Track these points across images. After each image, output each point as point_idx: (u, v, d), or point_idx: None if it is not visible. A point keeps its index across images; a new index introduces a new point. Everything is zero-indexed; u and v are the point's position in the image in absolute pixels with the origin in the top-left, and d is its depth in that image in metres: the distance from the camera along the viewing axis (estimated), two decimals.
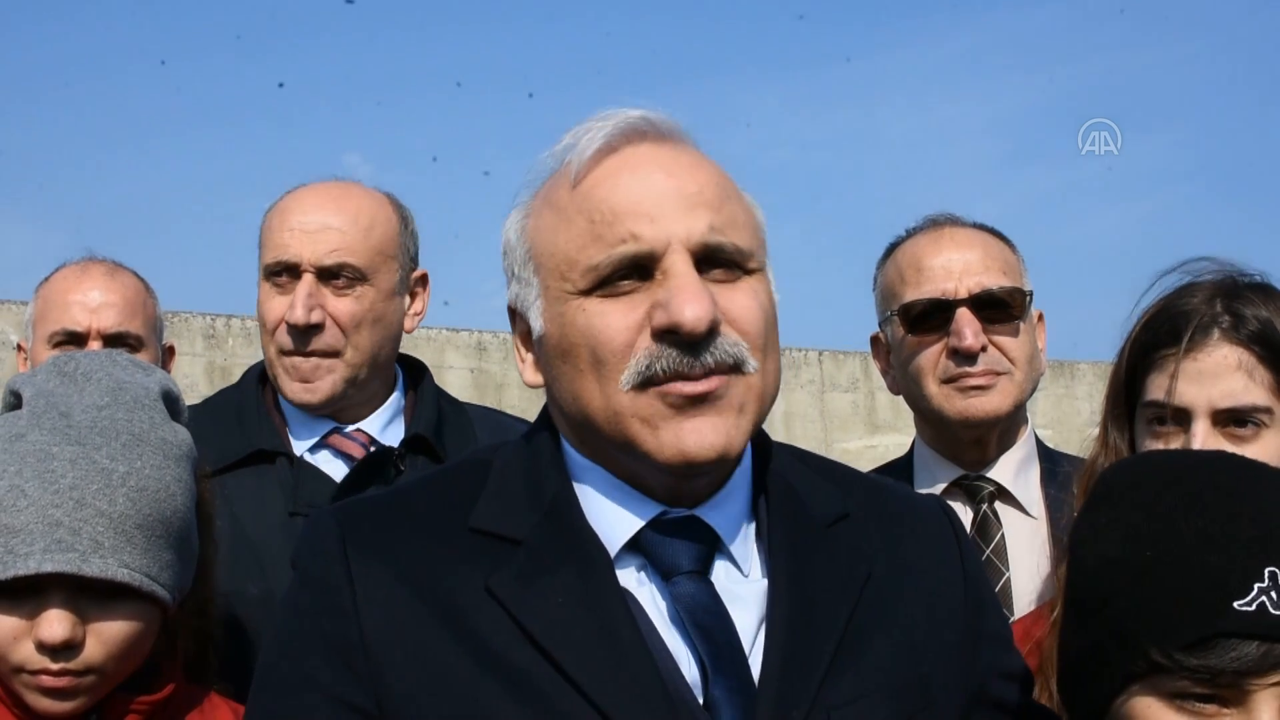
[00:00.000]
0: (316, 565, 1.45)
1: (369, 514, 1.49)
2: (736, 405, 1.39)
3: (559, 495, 1.46)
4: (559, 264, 1.42)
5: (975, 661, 1.54)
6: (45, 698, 1.66)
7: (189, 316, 9.15)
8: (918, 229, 2.53)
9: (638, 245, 1.38)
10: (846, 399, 11.23)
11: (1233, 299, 1.97)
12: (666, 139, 1.46)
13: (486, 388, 9.97)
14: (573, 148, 1.45)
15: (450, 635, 1.37)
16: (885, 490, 1.66)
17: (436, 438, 2.46)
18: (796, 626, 1.41)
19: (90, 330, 2.79)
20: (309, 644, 1.41)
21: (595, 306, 1.39)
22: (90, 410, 1.71)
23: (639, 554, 1.44)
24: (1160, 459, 1.59)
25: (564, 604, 1.38)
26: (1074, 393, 11.97)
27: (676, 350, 1.36)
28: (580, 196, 1.42)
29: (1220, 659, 1.33)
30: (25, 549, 1.61)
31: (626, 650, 1.36)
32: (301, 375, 2.37)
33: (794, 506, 1.51)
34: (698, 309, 1.35)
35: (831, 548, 1.49)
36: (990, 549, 2.43)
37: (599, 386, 1.39)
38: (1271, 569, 1.35)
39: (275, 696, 1.43)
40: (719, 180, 1.45)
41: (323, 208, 2.39)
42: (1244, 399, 1.92)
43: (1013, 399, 2.42)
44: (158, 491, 1.69)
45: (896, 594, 1.50)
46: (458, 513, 1.46)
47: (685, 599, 1.41)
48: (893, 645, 1.46)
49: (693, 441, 1.37)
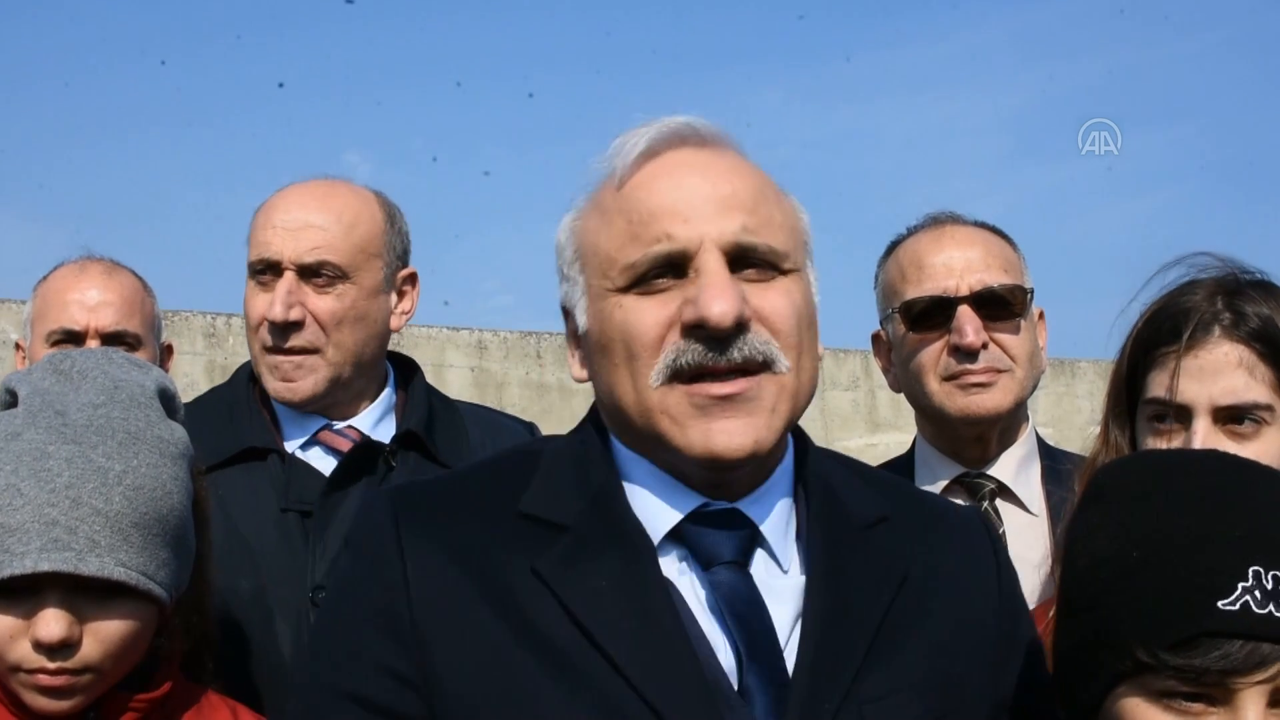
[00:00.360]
0: (370, 540, 1.50)
1: (423, 495, 1.55)
2: (769, 405, 1.43)
3: (605, 484, 1.51)
4: (600, 262, 1.49)
5: (1006, 670, 1.58)
6: (42, 696, 1.66)
7: (189, 315, 9.15)
8: (919, 227, 2.54)
9: (671, 244, 1.43)
10: (847, 397, 11.23)
11: (1234, 296, 1.97)
12: (707, 144, 1.51)
13: (487, 386, 9.97)
14: (619, 152, 1.51)
15: (495, 613, 1.41)
16: (925, 498, 1.72)
17: (428, 434, 2.46)
18: (831, 621, 1.45)
19: (88, 329, 2.80)
20: (361, 614, 1.46)
21: (631, 303, 1.45)
22: (86, 409, 1.71)
23: (680, 544, 1.49)
24: (1151, 458, 1.60)
25: (607, 587, 1.42)
26: (1074, 391, 11.97)
27: (703, 345, 1.40)
28: (621, 198, 1.49)
29: (1205, 658, 1.33)
30: (21, 548, 1.60)
31: (665, 635, 1.40)
32: (283, 374, 2.38)
33: (834, 507, 1.55)
34: (725, 304, 1.39)
35: (869, 549, 1.53)
36: None
37: (631, 381, 1.45)
38: (1255, 568, 1.35)
39: (328, 665, 1.47)
40: (756, 183, 1.50)
41: (305, 206, 2.40)
42: (1245, 396, 1.92)
43: (1013, 396, 2.43)
44: (154, 490, 1.69)
45: (932, 597, 1.53)
46: (508, 498, 1.51)
47: (724, 588, 1.45)
48: (926, 646, 1.49)
49: (721, 441, 1.41)
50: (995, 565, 1.63)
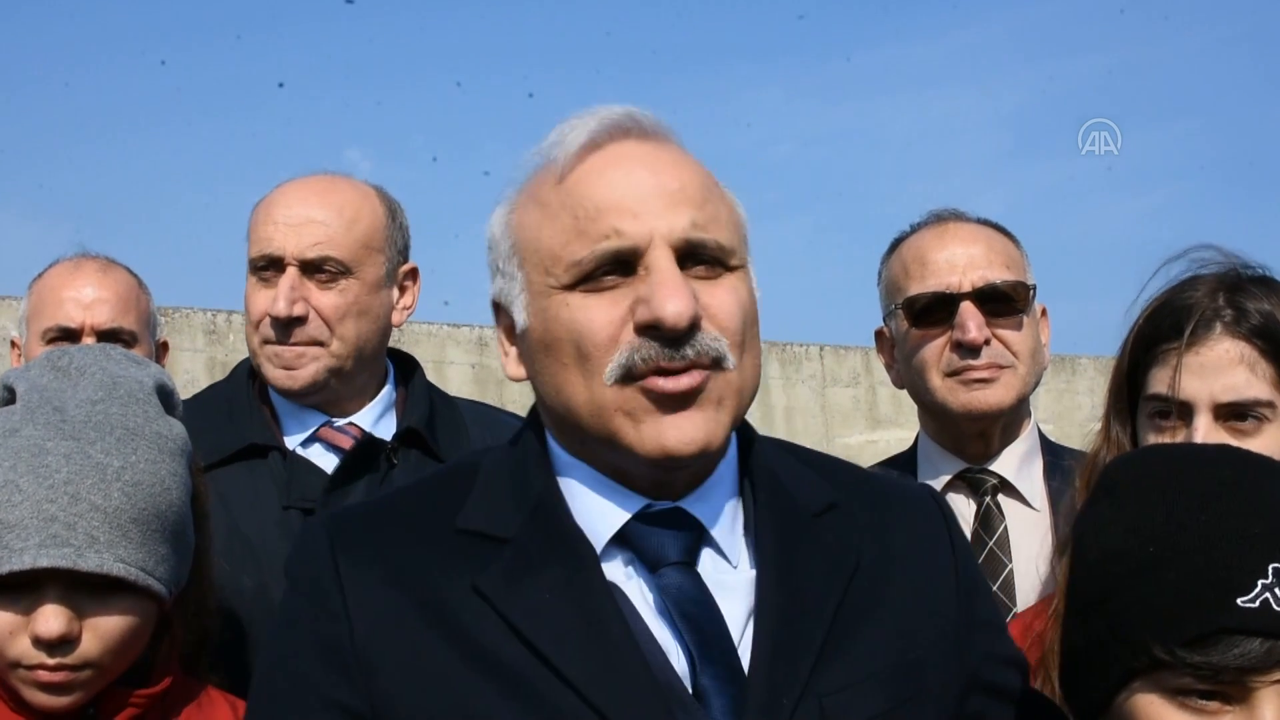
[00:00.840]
0: (307, 570, 1.47)
1: (357, 519, 1.52)
2: (715, 400, 1.41)
3: (544, 493, 1.47)
4: (543, 259, 1.44)
5: (968, 648, 1.54)
6: (42, 693, 1.66)
7: (190, 312, 9.15)
8: (922, 223, 2.54)
9: (620, 241, 1.39)
10: (848, 394, 11.23)
11: (1235, 292, 1.96)
12: (650, 136, 1.47)
13: (488, 383, 9.97)
14: (558, 144, 1.46)
15: (440, 635, 1.38)
16: (873, 480, 1.66)
17: (429, 431, 2.45)
18: (785, 615, 1.42)
19: (84, 326, 2.80)
20: (303, 648, 1.42)
21: (579, 301, 1.41)
22: (84, 405, 1.70)
23: (625, 547, 1.45)
24: (1164, 453, 1.58)
25: (551, 599, 1.39)
26: (1075, 387, 11.97)
27: (658, 344, 1.37)
28: (564, 192, 1.43)
29: (1223, 656, 1.32)
30: (20, 544, 1.60)
31: (615, 643, 1.37)
32: (284, 362, 2.38)
33: (780, 497, 1.52)
34: (679, 304, 1.36)
35: (819, 537, 1.50)
36: (993, 541, 2.44)
37: (583, 380, 1.41)
38: (1275, 565, 1.33)
39: (273, 701, 1.44)
40: (702, 178, 1.46)
41: (306, 201, 2.39)
42: (1246, 393, 1.92)
43: (1016, 392, 2.43)
44: (153, 486, 1.69)
45: (886, 582, 1.50)
46: (445, 515, 1.47)
47: (672, 590, 1.42)
48: (883, 632, 1.46)
49: (673, 436, 1.38)
50: (950, 544, 1.60)
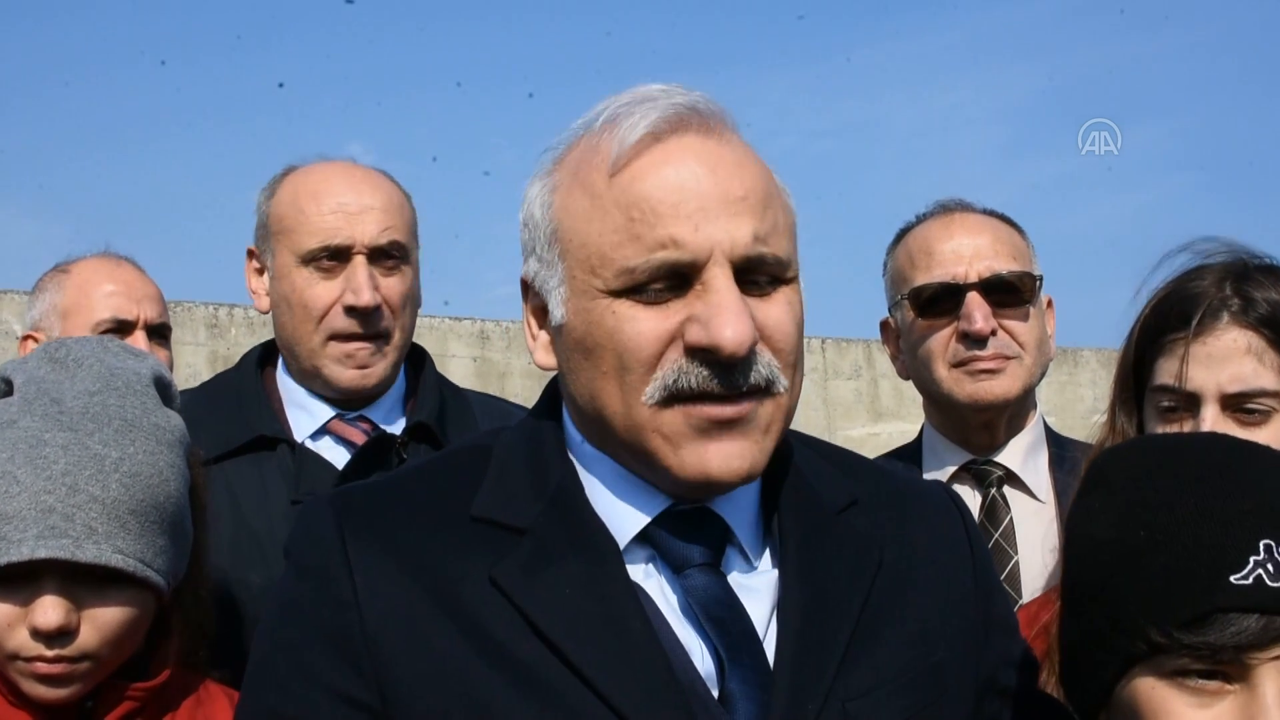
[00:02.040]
0: (313, 555, 1.39)
1: (366, 501, 1.44)
2: (763, 427, 1.34)
3: (563, 483, 1.41)
4: (589, 257, 1.34)
5: (985, 649, 1.52)
6: (41, 685, 1.65)
7: (191, 306, 9.15)
8: (928, 214, 2.54)
9: (679, 253, 1.30)
10: (849, 387, 11.22)
11: (1242, 282, 1.95)
12: (713, 130, 1.36)
13: (489, 376, 9.98)
14: (611, 126, 1.36)
15: (454, 627, 1.33)
16: (891, 476, 1.62)
17: (439, 425, 2.43)
18: (810, 616, 1.38)
19: (139, 319, 2.94)
20: (307, 637, 1.36)
21: (626, 310, 1.32)
22: (82, 396, 1.69)
23: (648, 546, 1.40)
24: (1151, 441, 1.58)
25: (571, 595, 1.33)
26: (1077, 379, 11.97)
27: (708, 370, 1.30)
28: (618, 188, 1.33)
29: (1220, 634, 1.31)
30: (18, 535, 1.59)
31: (637, 643, 1.31)
32: (359, 361, 2.34)
33: (803, 494, 1.47)
34: (740, 332, 1.28)
35: (842, 535, 1.45)
36: (999, 533, 2.43)
37: (621, 395, 1.33)
38: (1267, 541, 1.32)
39: (273, 692, 1.38)
40: (764, 180, 1.37)
41: (358, 188, 2.36)
42: (1253, 383, 1.91)
43: (1022, 383, 2.43)
44: (151, 477, 1.68)
45: (907, 581, 1.46)
46: (459, 500, 1.41)
47: (698, 591, 1.37)
48: (906, 634, 1.43)
49: (717, 465, 1.32)
50: (968, 543, 1.56)
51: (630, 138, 1.33)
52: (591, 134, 1.38)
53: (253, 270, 2.47)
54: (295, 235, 2.34)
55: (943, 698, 1.42)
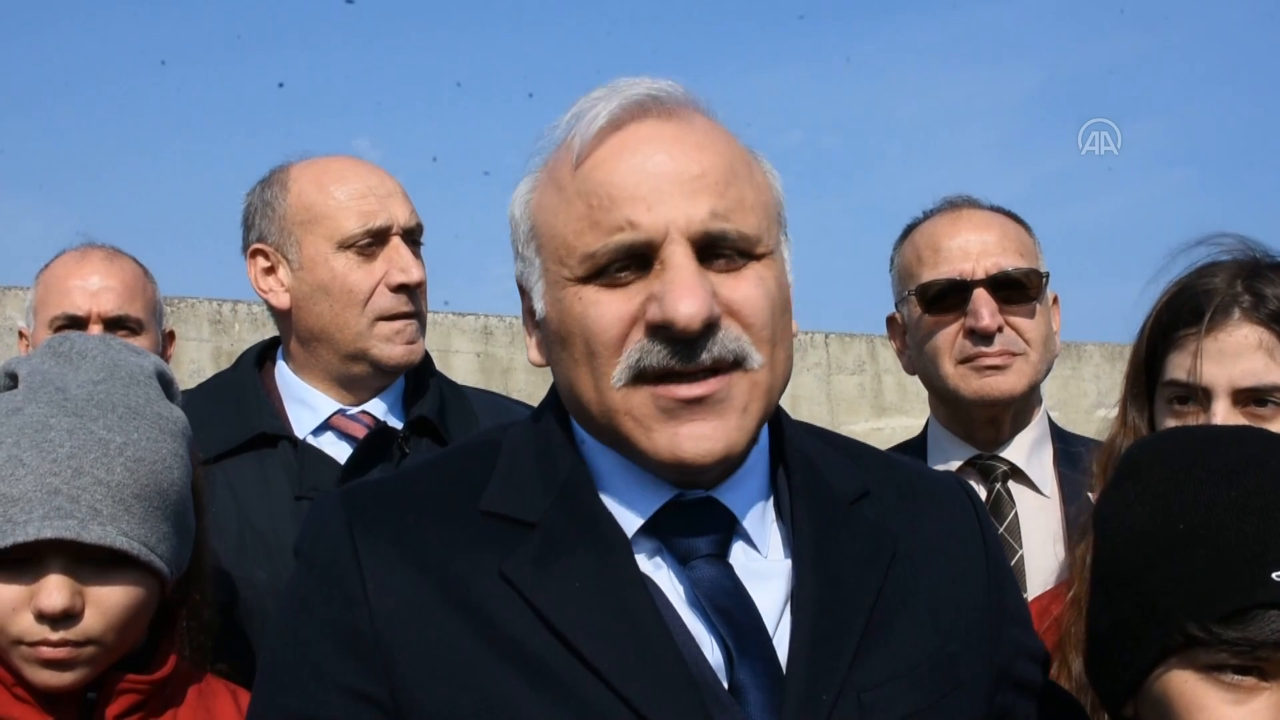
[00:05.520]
0: (323, 551, 1.40)
1: (375, 497, 1.44)
2: (740, 406, 1.34)
3: (572, 476, 1.41)
4: (558, 248, 1.37)
5: (999, 641, 1.52)
6: (44, 670, 1.65)
7: (195, 302, 9.16)
8: (935, 210, 2.54)
9: (634, 234, 1.31)
10: (853, 381, 11.22)
11: (1254, 278, 1.96)
12: (673, 114, 1.37)
13: (492, 372, 9.98)
14: (578, 120, 1.38)
15: (465, 621, 1.33)
16: (904, 467, 1.61)
17: (440, 420, 2.43)
18: (824, 607, 1.37)
19: (90, 314, 2.81)
20: (317, 633, 1.36)
21: (591, 295, 1.34)
22: (86, 385, 1.71)
23: (654, 537, 1.40)
24: (1187, 433, 1.57)
25: (581, 588, 1.33)
26: (1081, 374, 11.97)
27: (668, 347, 1.30)
28: (580, 178, 1.35)
29: (1260, 630, 1.30)
30: (24, 516, 1.60)
31: (648, 635, 1.32)
32: (408, 337, 2.39)
33: (816, 484, 1.46)
34: (692, 305, 1.28)
35: (855, 525, 1.45)
36: (1004, 527, 2.44)
37: (593, 380, 1.35)
38: None
39: (285, 688, 1.38)
40: (726, 159, 1.37)
41: (378, 173, 2.42)
42: (1265, 378, 1.92)
43: (1028, 379, 2.43)
44: (155, 463, 1.69)
45: (921, 572, 1.46)
46: (468, 495, 1.41)
47: (705, 583, 1.37)
48: (920, 625, 1.42)
49: (689, 446, 1.32)
50: (980, 534, 1.55)
51: (591, 129, 1.36)
52: (563, 129, 1.41)
53: (261, 270, 2.42)
54: (330, 221, 2.35)
55: (957, 689, 1.42)
